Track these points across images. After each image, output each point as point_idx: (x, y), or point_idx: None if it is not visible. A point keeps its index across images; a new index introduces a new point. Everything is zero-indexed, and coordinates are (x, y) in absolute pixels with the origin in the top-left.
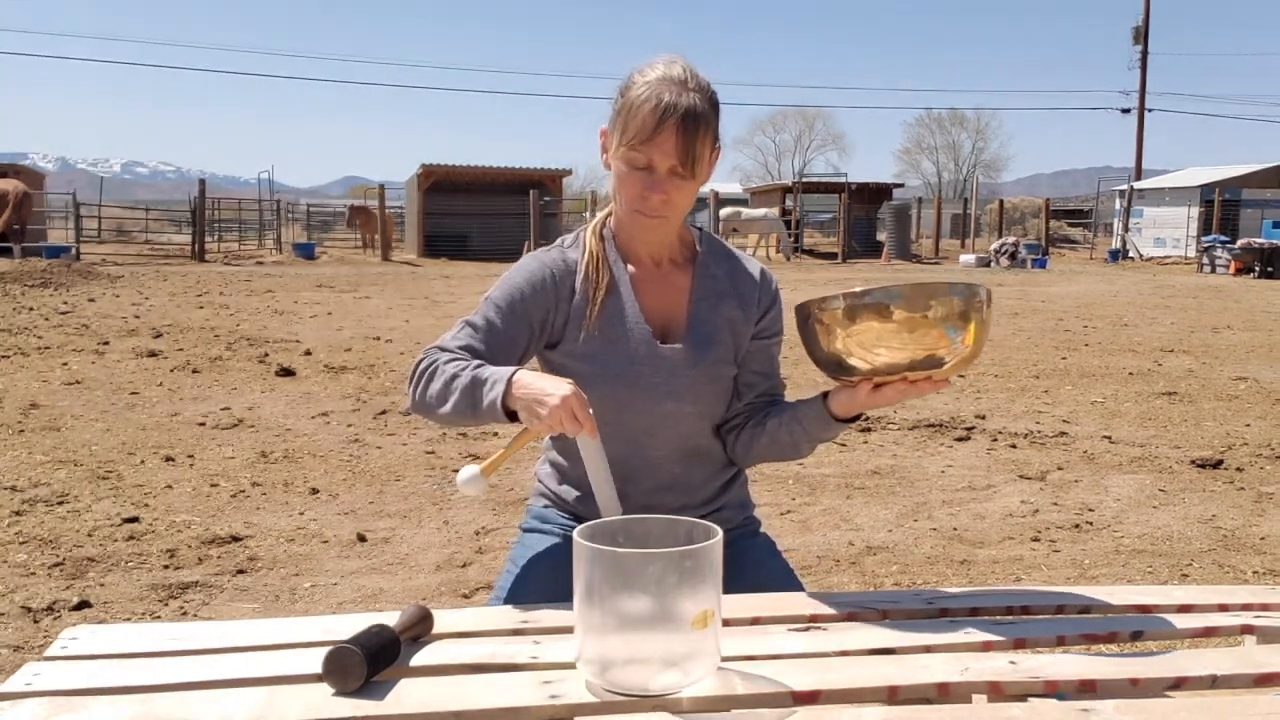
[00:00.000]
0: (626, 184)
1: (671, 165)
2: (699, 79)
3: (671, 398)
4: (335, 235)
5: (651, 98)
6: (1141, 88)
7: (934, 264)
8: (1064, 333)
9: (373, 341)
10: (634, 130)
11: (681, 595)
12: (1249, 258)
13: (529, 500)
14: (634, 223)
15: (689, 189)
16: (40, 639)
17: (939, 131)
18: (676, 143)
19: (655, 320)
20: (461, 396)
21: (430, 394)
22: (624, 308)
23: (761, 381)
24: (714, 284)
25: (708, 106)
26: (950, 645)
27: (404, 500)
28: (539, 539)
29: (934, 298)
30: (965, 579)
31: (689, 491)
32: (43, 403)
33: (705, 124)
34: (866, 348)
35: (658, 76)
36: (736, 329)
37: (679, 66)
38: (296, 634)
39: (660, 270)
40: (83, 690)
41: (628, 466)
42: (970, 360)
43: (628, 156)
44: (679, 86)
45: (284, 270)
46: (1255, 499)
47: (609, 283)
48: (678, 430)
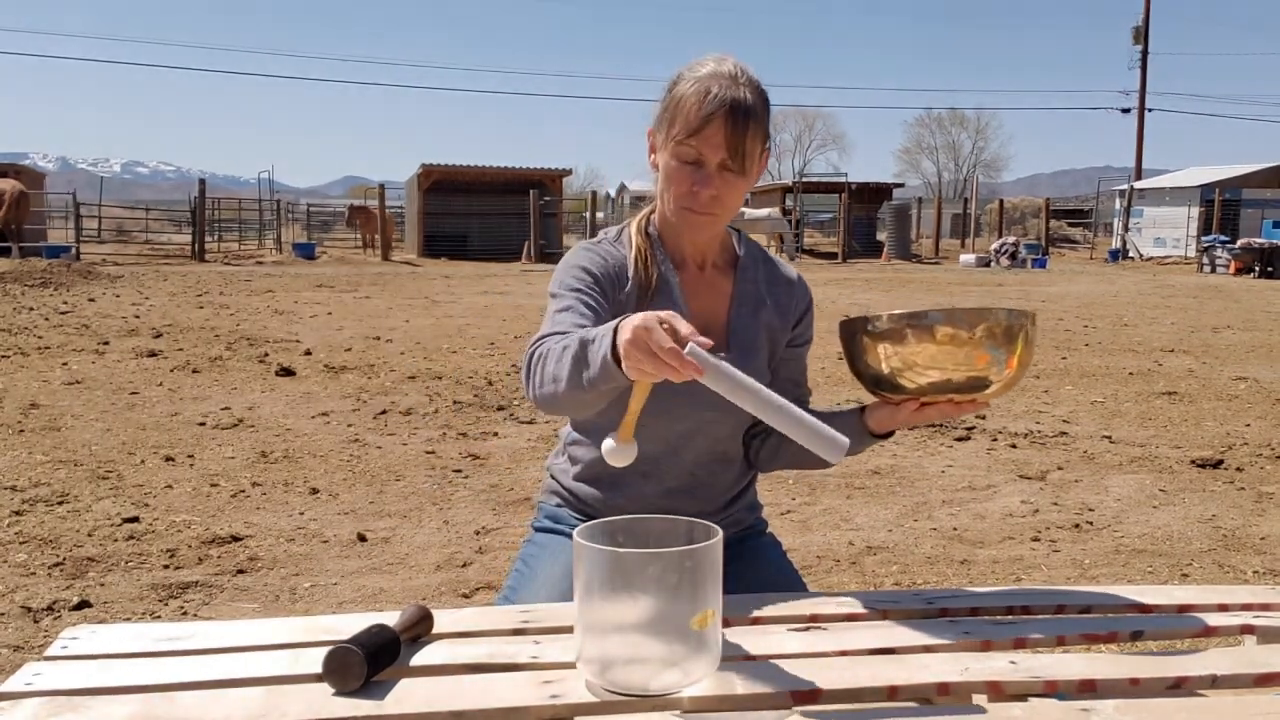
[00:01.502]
0: (675, 180)
1: (722, 159)
2: (749, 75)
3: (712, 406)
4: (335, 235)
5: (700, 90)
6: (1141, 87)
7: (934, 264)
8: (1064, 332)
9: (373, 341)
10: (682, 123)
11: (682, 595)
12: (1249, 258)
13: (540, 497)
14: (682, 220)
15: (739, 187)
16: (40, 639)
17: (939, 131)
18: (726, 135)
19: (698, 325)
20: (574, 365)
21: (545, 377)
22: (673, 309)
23: (792, 389)
24: (754, 289)
25: (758, 101)
26: (950, 645)
27: (404, 500)
28: (552, 540)
29: (984, 321)
30: (965, 579)
31: (710, 497)
32: (43, 403)
33: (755, 118)
34: (916, 367)
35: (708, 72)
36: (774, 336)
37: (730, 63)
38: (296, 634)
39: (704, 274)
40: (83, 690)
41: (658, 466)
42: (1014, 383)
43: (676, 151)
44: (728, 80)
45: (284, 270)
46: (1255, 499)
47: (658, 282)
48: (713, 436)
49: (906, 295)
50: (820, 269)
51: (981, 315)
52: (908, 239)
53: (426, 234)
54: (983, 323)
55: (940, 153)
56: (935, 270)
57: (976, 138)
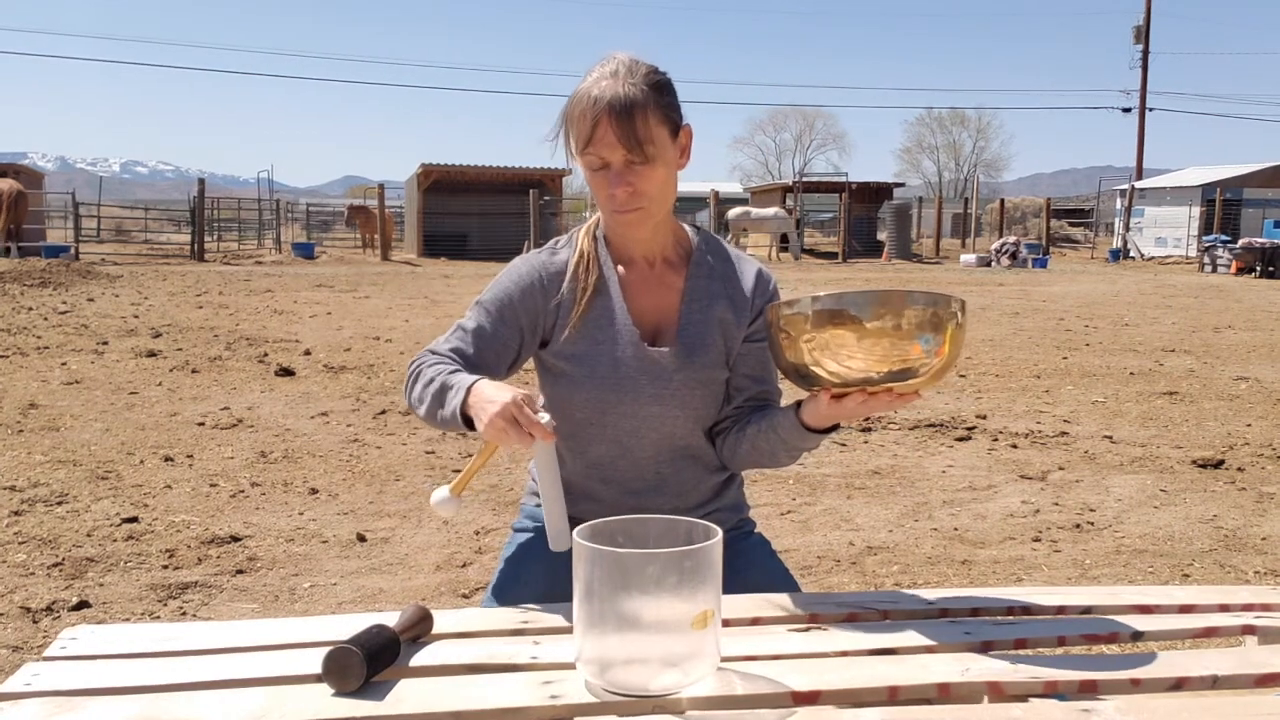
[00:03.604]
0: (594, 188)
1: (622, 155)
2: (637, 68)
3: (657, 401)
4: (335, 235)
5: (582, 99)
6: (1142, 87)
7: (935, 264)
8: (1065, 332)
9: (372, 341)
10: (576, 136)
11: (681, 595)
12: (1250, 257)
13: (523, 497)
14: (615, 223)
15: (653, 174)
16: (40, 639)
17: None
18: (616, 132)
19: (645, 322)
20: (433, 401)
21: (413, 396)
22: (613, 309)
23: (751, 385)
24: (707, 284)
25: (644, 89)
26: (951, 645)
27: (404, 500)
28: (530, 538)
29: (890, 306)
30: (966, 579)
31: (680, 494)
32: (42, 402)
33: (640, 106)
34: (823, 356)
35: (592, 79)
36: (728, 331)
37: (614, 62)
38: (296, 634)
39: (654, 271)
40: (82, 690)
41: (614, 468)
42: (939, 377)
43: (584, 162)
44: (610, 80)
45: (283, 270)
46: (1256, 499)
47: (597, 283)
48: (664, 432)
49: None
50: (821, 269)
51: (905, 301)
52: (908, 239)
53: (426, 234)
54: (906, 309)
55: (941, 152)
56: (936, 270)
57: (977, 137)
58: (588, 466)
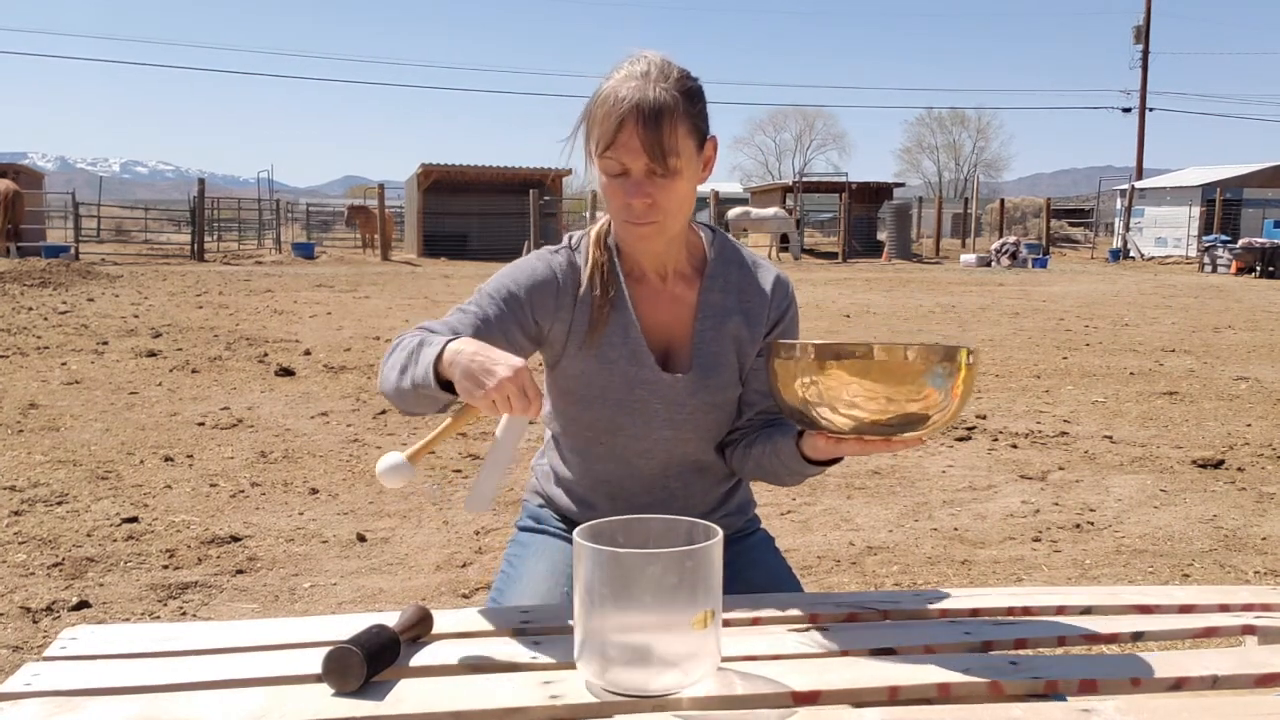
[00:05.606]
0: (609, 195)
1: (645, 164)
2: (669, 70)
3: (669, 425)
4: (335, 235)
5: (609, 97)
6: (1143, 87)
7: (935, 263)
8: (1065, 332)
9: (372, 341)
10: (598, 137)
11: (682, 595)
12: (1250, 257)
13: (525, 496)
14: (626, 234)
15: (675, 188)
16: (39, 639)
17: (940, 131)
18: (641, 139)
19: (657, 341)
20: (405, 367)
21: (385, 368)
22: (625, 327)
23: (761, 400)
24: (721, 299)
25: (676, 95)
26: (951, 645)
27: (404, 500)
28: (535, 539)
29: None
30: (966, 579)
31: (687, 507)
32: (42, 402)
33: (671, 114)
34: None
35: (620, 76)
36: (743, 347)
37: (644, 62)
38: (296, 634)
39: (665, 285)
40: (82, 690)
41: (619, 485)
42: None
43: (602, 165)
44: (640, 81)
45: (283, 270)
46: (1256, 499)
47: (611, 298)
48: (674, 452)
49: (907, 295)
50: (820, 269)
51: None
52: (908, 239)
53: (426, 234)
54: (916, 359)
55: (941, 152)
56: (936, 270)
57: (977, 137)
58: (594, 481)
